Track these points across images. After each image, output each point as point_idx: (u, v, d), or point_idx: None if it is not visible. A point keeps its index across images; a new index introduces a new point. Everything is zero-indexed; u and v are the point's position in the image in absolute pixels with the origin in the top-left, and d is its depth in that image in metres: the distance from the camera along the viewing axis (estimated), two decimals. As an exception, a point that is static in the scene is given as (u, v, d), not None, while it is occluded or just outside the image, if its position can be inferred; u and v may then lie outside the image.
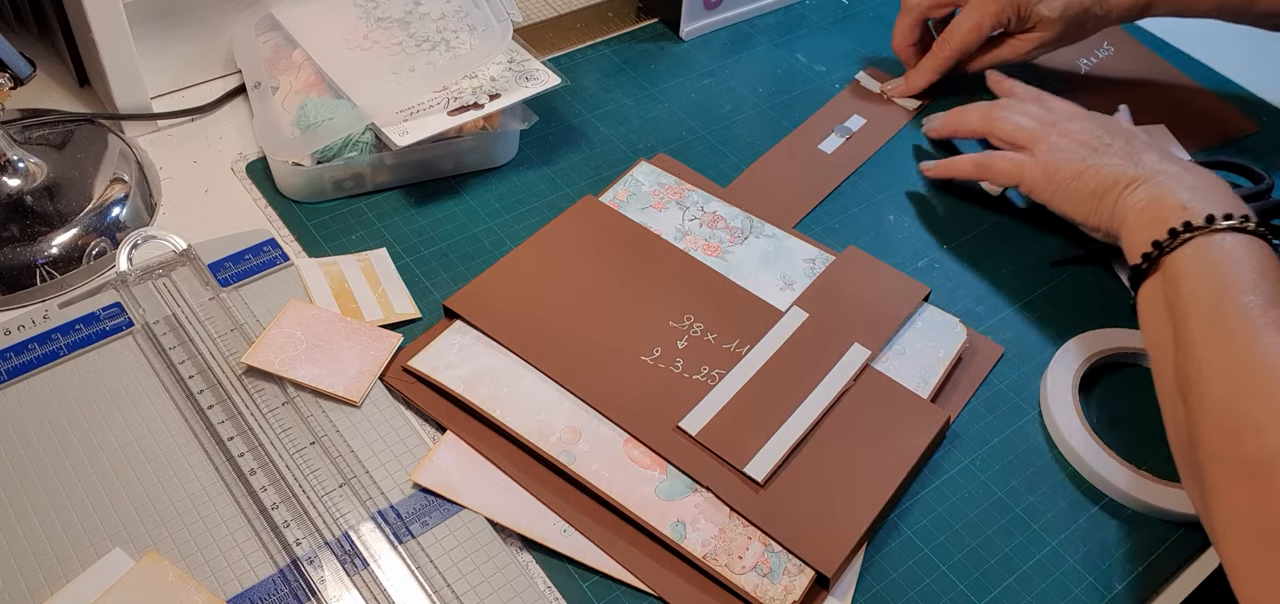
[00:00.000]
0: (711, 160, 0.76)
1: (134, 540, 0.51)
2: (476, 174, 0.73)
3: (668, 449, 0.56)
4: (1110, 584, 0.54)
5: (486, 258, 0.66)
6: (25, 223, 0.63)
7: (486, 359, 0.59)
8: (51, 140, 0.69)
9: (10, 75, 0.62)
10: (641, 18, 0.90)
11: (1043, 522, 0.56)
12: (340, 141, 0.68)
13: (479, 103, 0.69)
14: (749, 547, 0.52)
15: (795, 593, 0.50)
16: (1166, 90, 0.88)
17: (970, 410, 0.61)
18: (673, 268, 0.66)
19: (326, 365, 0.58)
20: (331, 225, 0.68)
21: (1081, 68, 0.89)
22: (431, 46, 0.73)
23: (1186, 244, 0.55)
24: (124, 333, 0.60)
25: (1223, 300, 0.51)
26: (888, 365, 0.62)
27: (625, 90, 0.82)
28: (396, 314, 0.63)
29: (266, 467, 0.54)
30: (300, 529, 0.52)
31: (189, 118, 0.75)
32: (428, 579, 0.50)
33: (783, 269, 0.67)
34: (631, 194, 0.71)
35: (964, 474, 0.58)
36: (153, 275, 0.63)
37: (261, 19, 0.77)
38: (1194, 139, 0.82)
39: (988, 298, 0.68)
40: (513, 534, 0.53)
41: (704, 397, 0.58)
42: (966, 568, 0.54)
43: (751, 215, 0.70)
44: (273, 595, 0.49)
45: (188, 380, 0.58)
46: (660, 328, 0.62)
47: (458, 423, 0.57)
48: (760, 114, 0.81)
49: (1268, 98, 0.88)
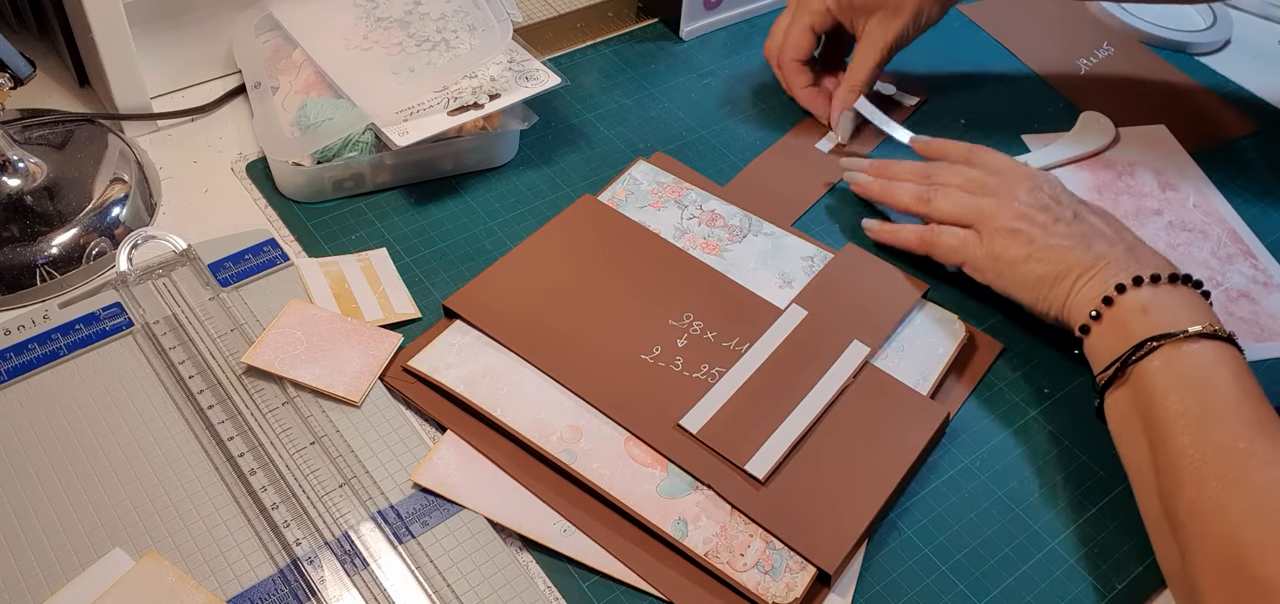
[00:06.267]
0: (711, 160, 0.76)
1: (134, 540, 0.51)
2: (476, 174, 0.73)
3: (668, 447, 0.56)
4: (1110, 584, 0.54)
5: (486, 258, 0.66)
6: (25, 223, 0.63)
7: (486, 359, 0.59)
8: (51, 140, 0.69)
9: (10, 75, 0.62)
10: (641, 18, 0.90)
11: (1043, 522, 0.56)
12: (340, 141, 0.68)
13: (479, 103, 0.69)
14: (750, 544, 0.52)
15: (797, 590, 0.50)
16: (1166, 90, 0.88)
17: (969, 409, 0.61)
18: (672, 266, 0.66)
19: (326, 365, 0.58)
20: (331, 225, 0.68)
21: (1081, 68, 0.89)
22: (431, 46, 0.73)
23: (1154, 354, 0.53)
24: (124, 333, 0.60)
25: (1206, 428, 0.49)
26: (887, 362, 0.62)
27: (625, 90, 0.82)
28: (396, 314, 0.63)
29: (266, 467, 0.54)
30: (300, 529, 0.52)
31: (189, 118, 0.75)
32: (428, 579, 0.50)
33: (781, 267, 0.67)
34: (630, 193, 0.71)
35: (964, 474, 0.58)
36: (153, 275, 0.63)
37: (261, 19, 0.77)
38: (1194, 139, 0.82)
39: (986, 295, 0.67)
40: (513, 534, 0.53)
41: (704, 395, 0.58)
42: (966, 568, 0.54)
43: (750, 214, 0.70)
44: (273, 595, 0.49)
45: (188, 380, 0.58)
46: (660, 326, 0.62)
47: (458, 423, 0.57)
48: (760, 114, 0.81)
49: (1268, 98, 0.88)
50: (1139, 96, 0.86)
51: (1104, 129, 0.81)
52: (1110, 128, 0.82)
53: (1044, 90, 0.86)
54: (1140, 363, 0.54)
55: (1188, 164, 0.80)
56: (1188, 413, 0.50)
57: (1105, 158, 0.80)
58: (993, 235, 0.63)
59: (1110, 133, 0.81)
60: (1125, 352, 0.54)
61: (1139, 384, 0.53)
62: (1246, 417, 0.49)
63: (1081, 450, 0.60)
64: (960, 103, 0.84)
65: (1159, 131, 0.83)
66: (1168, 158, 0.80)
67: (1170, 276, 0.57)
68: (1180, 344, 0.53)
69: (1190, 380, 0.52)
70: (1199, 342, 0.53)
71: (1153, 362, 0.53)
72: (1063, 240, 0.60)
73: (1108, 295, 0.57)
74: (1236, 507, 0.46)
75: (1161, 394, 0.52)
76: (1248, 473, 0.47)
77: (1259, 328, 0.68)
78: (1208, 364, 0.52)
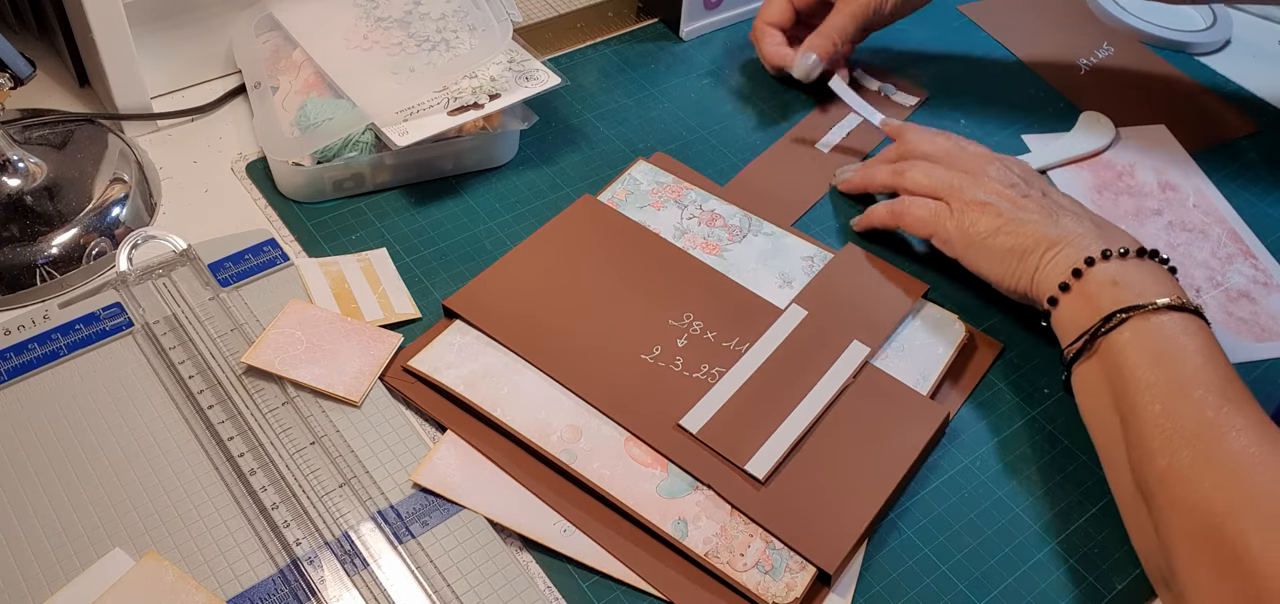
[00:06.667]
0: (711, 160, 0.76)
1: (134, 540, 0.51)
2: (476, 174, 0.73)
3: (668, 447, 0.56)
4: (1110, 584, 0.54)
5: (486, 258, 0.66)
6: (25, 223, 0.63)
7: (486, 358, 0.59)
8: (51, 140, 0.69)
9: (10, 75, 0.62)
10: (641, 18, 0.90)
11: (1043, 522, 0.56)
12: (340, 141, 0.68)
13: (479, 103, 0.69)
14: (750, 544, 0.52)
15: (797, 590, 0.51)
16: (1166, 90, 0.88)
17: (969, 409, 0.62)
18: (672, 266, 0.66)
19: (326, 365, 0.58)
20: (331, 225, 0.68)
21: (1082, 68, 0.89)
22: (431, 46, 0.73)
23: (1124, 326, 0.54)
24: (124, 333, 0.60)
25: (1176, 398, 0.50)
26: (887, 362, 0.62)
27: (625, 90, 0.82)
28: (396, 314, 0.63)
29: (266, 467, 0.54)
30: (300, 529, 0.52)
31: (189, 118, 0.75)
32: (428, 579, 0.50)
33: (781, 267, 0.67)
34: (630, 193, 0.71)
35: (964, 474, 0.58)
36: (153, 275, 0.63)
37: (261, 19, 0.77)
38: (1194, 139, 0.82)
39: (986, 295, 0.67)
40: (513, 534, 0.53)
41: (704, 395, 0.58)
42: (966, 568, 0.54)
43: (750, 213, 0.70)
44: (273, 595, 0.49)
45: (188, 380, 0.58)
46: (660, 326, 0.62)
47: (458, 423, 0.57)
48: (760, 114, 0.81)
49: (1268, 98, 0.88)
50: (1139, 96, 0.86)
51: (1104, 129, 0.82)
52: (1110, 128, 0.82)
53: (1044, 90, 0.86)
54: (1109, 335, 0.54)
55: (1188, 164, 0.80)
56: (1158, 383, 0.51)
57: (1105, 158, 0.80)
58: (963, 209, 0.63)
59: (1110, 133, 0.81)
60: (1095, 324, 0.55)
61: (1108, 356, 0.54)
62: (1216, 386, 0.50)
63: (1081, 450, 0.60)
64: (960, 103, 0.84)
65: (1159, 131, 0.83)
66: (1168, 158, 0.80)
67: (1138, 251, 0.57)
68: (1149, 316, 0.53)
69: (1160, 351, 0.52)
70: (1168, 313, 0.53)
71: (1123, 334, 0.53)
72: (1032, 215, 0.61)
73: (1077, 267, 0.57)
74: (1208, 474, 0.47)
75: (1132, 365, 0.52)
76: (1219, 440, 0.48)
77: (1259, 328, 0.68)
78: (1177, 335, 0.52)
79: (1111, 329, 0.54)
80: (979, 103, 0.84)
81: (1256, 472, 0.46)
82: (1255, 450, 0.47)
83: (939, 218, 0.64)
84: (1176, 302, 0.53)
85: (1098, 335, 0.54)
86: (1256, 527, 0.44)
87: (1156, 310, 0.53)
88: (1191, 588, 0.46)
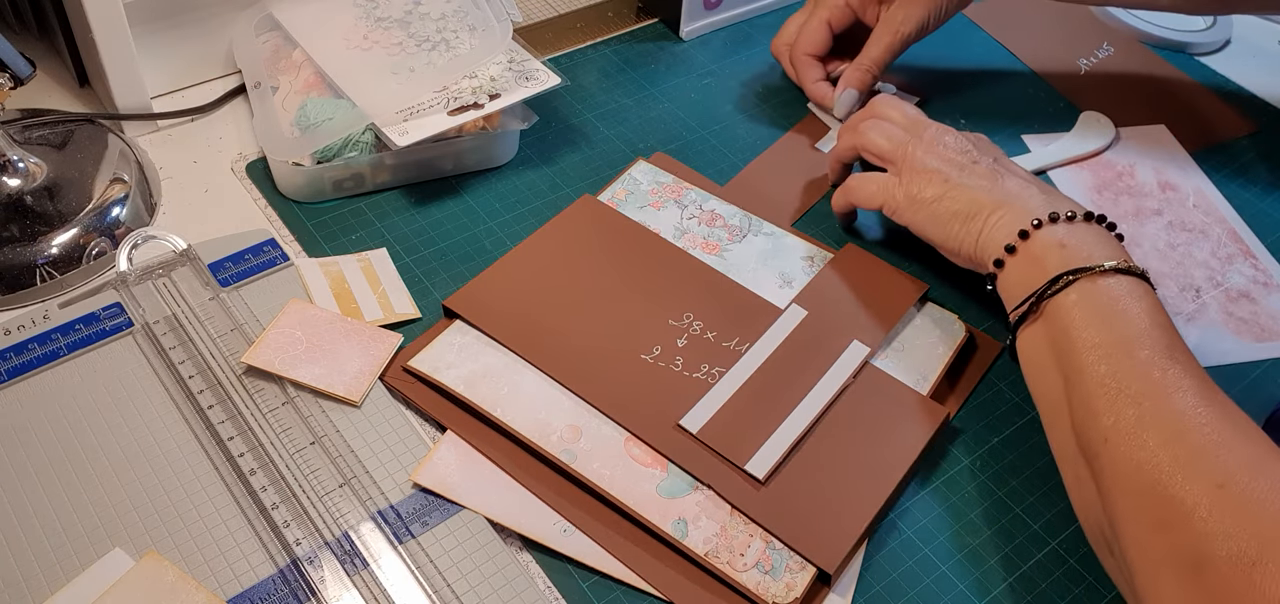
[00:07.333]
0: (711, 160, 0.76)
1: (134, 540, 0.51)
2: (476, 174, 0.73)
3: (668, 447, 0.56)
4: (1110, 584, 0.54)
5: (486, 258, 0.66)
6: (25, 223, 0.63)
7: (486, 358, 0.59)
8: (51, 140, 0.69)
9: (10, 75, 0.62)
10: (641, 18, 0.90)
11: (1043, 522, 0.56)
12: (340, 141, 0.68)
13: (479, 103, 0.69)
14: (750, 544, 0.52)
15: (797, 590, 0.51)
16: (1166, 90, 0.88)
17: (969, 409, 0.62)
18: (672, 266, 0.66)
19: (326, 365, 0.58)
20: (331, 225, 0.68)
21: (1082, 68, 0.89)
22: (431, 46, 0.73)
23: (1070, 288, 0.54)
24: (124, 333, 0.60)
25: (1122, 358, 0.50)
26: (887, 362, 0.62)
27: (625, 90, 0.82)
28: (396, 314, 0.63)
29: (266, 467, 0.54)
30: (300, 529, 0.52)
31: (189, 118, 0.75)
32: (428, 579, 0.50)
33: (781, 267, 0.67)
34: (630, 193, 0.71)
35: (964, 474, 0.58)
36: (153, 275, 0.63)
37: (261, 19, 0.77)
38: (1194, 139, 0.82)
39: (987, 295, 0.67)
40: (513, 534, 0.53)
41: (704, 395, 0.58)
42: (966, 568, 0.54)
43: (750, 213, 0.70)
44: (273, 595, 0.49)
45: (188, 380, 0.58)
46: (660, 326, 0.62)
47: (458, 422, 0.57)
48: (760, 114, 0.81)
49: (1268, 98, 0.88)
50: (1139, 96, 0.86)
51: (1104, 129, 0.82)
52: (1110, 128, 0.82)
53: (1044, 90, 0.86)
54: (1056, 297, 0.54)
55: (1188, 164, 0.80)
56: (1104, 344, 0.51)
57: (1105, 158, 0.80)
58: (911, 176, 0.64)
59: (1110, 133, 0.81)
60: (1041, 285, 0.55)
61: (1054, 318, 0.54)
62: (1162, 347, 0.50)
63: (1081, 450, 0.60)
64: (960, 103, 0.84)
65: (1159, 131, 0.83)
66: (1168, 158, 0.80)
67: (1084, 215, 0.57)
68: (1096, 278, 0.53)
69: (1107, 313, 0.52)
70: (1114, 276, 0.53)
71: (1069, 296, 0.54)
72: (978, 180, 0.62)
73: (1024, 230, 0.57)
74: (1153, 431, 0.47)
75: (1078, 326, 0.52)
76: (1164, 399, 0.48)
77: (1259, 328, 0.68)
78: (1123, 297, 0.52)
79: (1058, 290, 0.54)
80: (979, 103, 0.84)
81: (1199, 431, 0.46)
82: (1202, 409, 0.47)
83: (887, 189, 0.65)
84: (1123, 265, 0.54)
85: (1044, 297, 0.55)
86: (1197, 483, 0.45)
87: (1103, 273, 0.53)
88: (1132, 545, 0.46)
